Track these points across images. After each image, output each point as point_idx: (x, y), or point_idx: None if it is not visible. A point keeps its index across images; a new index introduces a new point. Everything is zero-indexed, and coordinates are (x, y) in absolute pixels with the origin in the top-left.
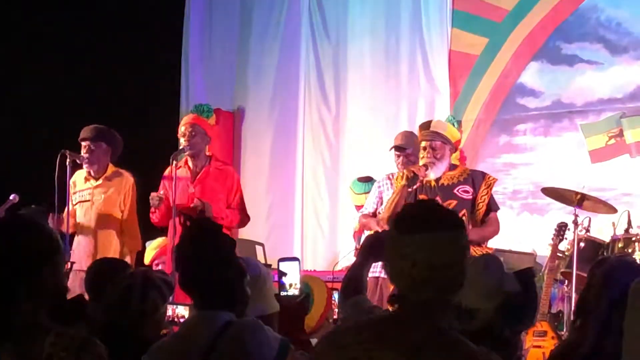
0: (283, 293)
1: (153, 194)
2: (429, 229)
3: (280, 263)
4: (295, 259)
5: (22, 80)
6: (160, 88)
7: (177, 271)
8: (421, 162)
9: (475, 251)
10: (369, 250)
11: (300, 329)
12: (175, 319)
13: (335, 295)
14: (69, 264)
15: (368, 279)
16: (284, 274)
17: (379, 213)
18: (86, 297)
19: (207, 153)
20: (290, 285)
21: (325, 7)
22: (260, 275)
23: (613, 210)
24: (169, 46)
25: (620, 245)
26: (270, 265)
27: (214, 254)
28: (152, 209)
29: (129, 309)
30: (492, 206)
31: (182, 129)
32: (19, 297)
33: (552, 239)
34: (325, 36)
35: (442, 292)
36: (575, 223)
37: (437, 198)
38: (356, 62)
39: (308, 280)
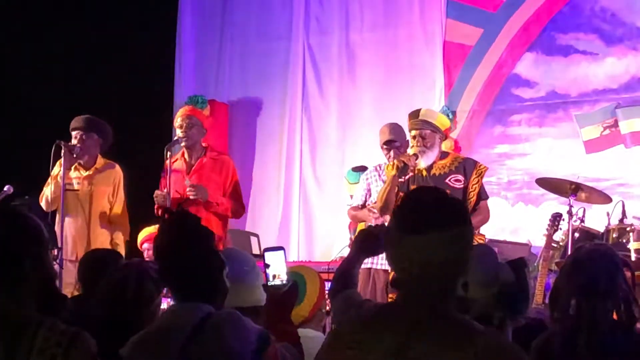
0: (270, 284)
1: (157, 192)
2: (434, 228)
3: (266, 253)
4: (280, 248)
5: (15, 72)
6: (154, 79)
7: (157, 263)
8: (411, 151)
9: None
10: (360, 246)
11: (286, 320)
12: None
13: (328, 286)
14: (56, 250)
15: (360, 270)
16: (267, 265)
17: (368, 205)
18: (77, 287)
19: (203, 144)
20: (274, 276)
21: None
22: (254, 269)
23: (608, 200)
24: (162, 37)
25: (614, 235)
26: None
27: (192, 246)
28: (156, 206)
29: (125, 299)
30: (482, 195)
31: (178, 120)
32: (9, 289)
33: (547, 229)
34: (321, 27)
35: (445, 283)
36: (570, 213)
37: None
38: (351, 53)
39: (300, 270)
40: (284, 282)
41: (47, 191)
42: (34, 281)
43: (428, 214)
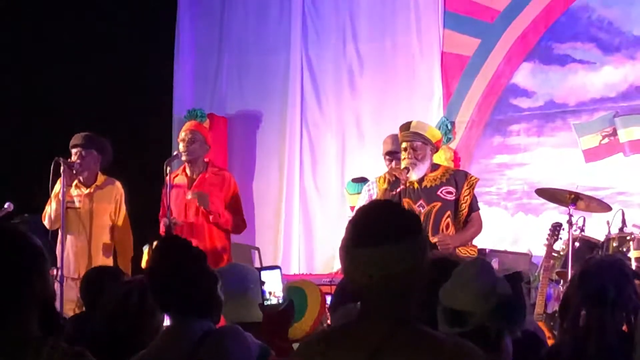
0: (266, 302)
1: (165, 220)
2: (381, 241)
3: (262, 272)
4: (276, 267)
5: (15, 88)
6: (152, 94)
7: (151, 289)
8: (403, 164)
9: (460, 251)
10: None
11: (282, 337)
12: None
13: (329, 300)
14: (55, 270)
15: None
16: (263, 283)
17: None
18: (79, 305)
19: (205, 160)
20: (270, 293)
21: (318, 10)
22: (257, 285)
23: (607, 209)
24: (160, 51)
25: (614, 244)
26: None
27: (183, 267)
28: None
29: (127, 315)
30: (473, 206)
31: (182, 134)
32: (10, 308)
33: (547, 239)
34: (319, 39)
35: (401, 295)
36: (570, 223)
37: (421, 200)
38: (349, 65)
39: (301, 284)
40: (280, 300)
41: (49, 210)
42: (35, 301)
43: (380, 227)
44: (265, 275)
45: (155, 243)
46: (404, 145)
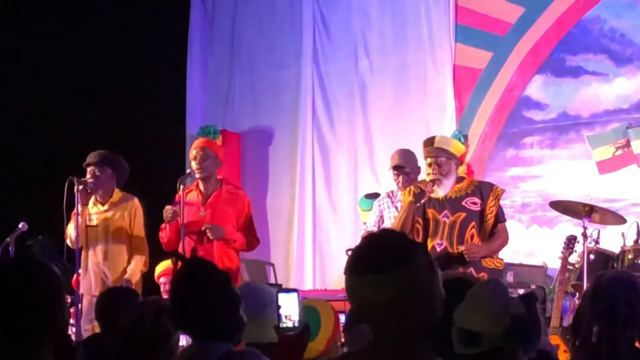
0: (282, 325)
1: (167, 207)
2: (364, 271)
3: (279, 294)
4: (293, 290)
5: (27, 108)
6: (165, 111)
7: (174, 312)
8: (427, 179)
9: (486, 262)
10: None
11: None
12: None
13: (343, 318)
14: (80, 295)
15: None
16: (279, 307)
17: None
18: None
19: (218, 177)
20: (287, 317)
21: (329, 26)
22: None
23: (622, 220)
24: (172, 68)
25: (630, 256)
26: (280, 285)
27: (207, 291)
28: (163, 225)
29: (142, 336)
30: (499, 217)
31: (193, 152)
32: (30, 340)
33: (562, 252)
34: (330, 54)
35: (396, 324)
36: (584, 235)
37: (446, 211)
38: (361, 79)
39: (314, 303)
40: (296, 324)
41: (70, 230)
42: (53, 332)
43: (367, 256)
44: (282, 298)
45: (178, 264)
46: (428, 160)
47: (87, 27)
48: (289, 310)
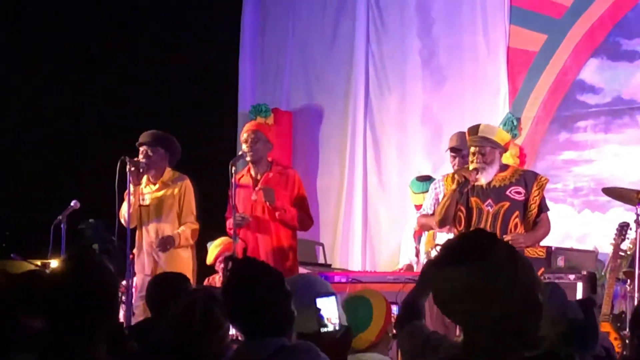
0: (323, 330)
1: (237, 214)
2: (447, 263)
3: (317, 299)
4: (332, 294)
5: (81, 89)
6: (217, 89)
7: (228, 314)
8: (471, 167)
9: (528, 252)
10: (425, 277)
11: None
12: (239, 337)
13: (395, 309)
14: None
15: None
16: (318, 310)
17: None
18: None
19: (269, 159)
20: (328, 320)
21: (383, 7)
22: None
23: None
24: (225, 47)
25: None
26: (330, 265)
27: (261, 294)
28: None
29: (193, 325)
30: (543, 207)
31: (244, 135)
32: (91, 337)
33: (614, 238)
34: (383, 36)
35: (475, 326)
36: (637, 222)
37: (489, 200)
38: (415, 60)
39: (366, 294)
40: (337, 327)
41: (123, 210)
42: (106, 326)
43: (450, 250)
44: (320, 302)
45: (230, 264)
46: (472, 149)
47: (140, 5)
48: (329, 313)
